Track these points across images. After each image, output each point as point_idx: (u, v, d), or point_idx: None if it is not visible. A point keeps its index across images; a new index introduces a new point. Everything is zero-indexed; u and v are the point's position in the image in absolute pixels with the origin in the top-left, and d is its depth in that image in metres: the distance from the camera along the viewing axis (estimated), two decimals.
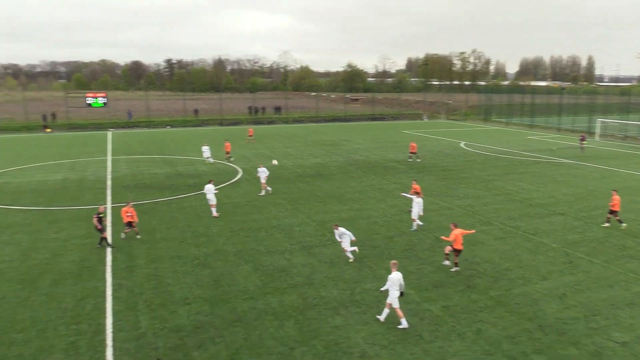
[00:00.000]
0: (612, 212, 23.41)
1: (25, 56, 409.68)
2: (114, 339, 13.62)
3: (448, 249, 18.51)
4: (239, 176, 35.24)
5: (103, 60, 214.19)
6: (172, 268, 18.51)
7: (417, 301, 15.85)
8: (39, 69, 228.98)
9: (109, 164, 40.96)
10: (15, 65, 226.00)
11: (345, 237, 19.09)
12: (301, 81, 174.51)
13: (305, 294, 16.37)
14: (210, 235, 22.33)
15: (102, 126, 72.05)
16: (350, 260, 19.05)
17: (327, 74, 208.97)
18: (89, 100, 71.14)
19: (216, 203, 25.49)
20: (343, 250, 19.40)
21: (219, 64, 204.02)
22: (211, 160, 40.62)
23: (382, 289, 14.87)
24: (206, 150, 40.47)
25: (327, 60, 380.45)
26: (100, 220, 20.77)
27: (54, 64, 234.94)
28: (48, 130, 68.57)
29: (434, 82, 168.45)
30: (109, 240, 21.23)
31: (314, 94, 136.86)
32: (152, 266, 18.72)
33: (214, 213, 25.12)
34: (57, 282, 17.38)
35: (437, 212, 25.92)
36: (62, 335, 13.84)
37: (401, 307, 14.39)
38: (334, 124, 78.65)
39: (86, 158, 43.71)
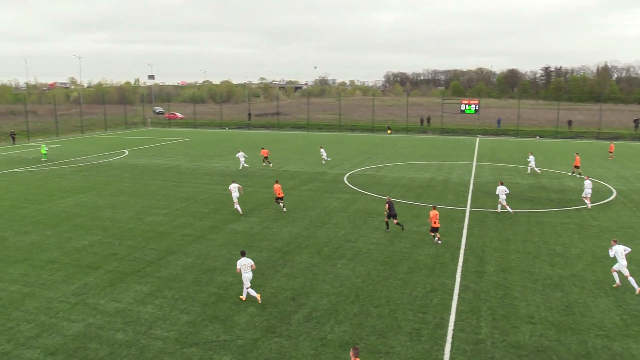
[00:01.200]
0: None
1: (412, 65, 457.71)
2: (454, 337, 14.00)
3: None
4: (612, 197, 31.42)
5: (480, 69, 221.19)
6: (522, 282, 17.85)
7: None
8: (422, 77, 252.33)
9: (474, 168, 42.17)
10: (403, 73, 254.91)
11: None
12: None
13: None
14: (568, 256, 20.61)
15: (471, 132, 74.71)
16: None
17: None
18: (463, 107, 74.57)
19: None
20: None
21: (603, 71, 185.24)
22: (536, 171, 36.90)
23: None
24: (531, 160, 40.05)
25: None
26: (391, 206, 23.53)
27: (435, 72, 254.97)
28: (389, 132, 75.52)
29: None
30: (462, 243, 21.89)
31: None
32: (501, 276, 18.46)
33: None
34: (412, 271, 18.91)
35: None
36: (409, 319, 15.00)
37: None
38: None
39: (453, 161, 46.03)
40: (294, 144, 60.45)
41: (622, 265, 16.84)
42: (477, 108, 73.65)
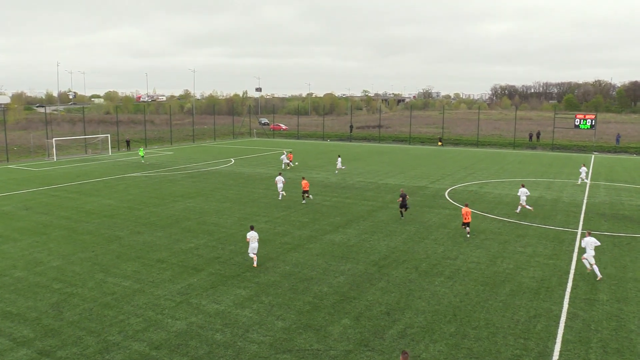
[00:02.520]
0: None
1: (522, 78, 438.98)
2: None
3: None
4: None
5: (597, 81, 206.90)
6: None
7: None
8: (532, 90, 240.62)
9: (587, 188, 39.34)
10: (512, 86, 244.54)
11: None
12: None
13: None
14: None
15: (585, 148, 69.90)
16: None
17: None
18: (577, 122, 69.99)
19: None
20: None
21: None
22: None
23: None
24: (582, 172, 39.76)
25: None
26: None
27: (547, 85, 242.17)
28: (440, 144, 75.14)
29: None
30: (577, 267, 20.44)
31: None
32: (615, 305, 16.97)
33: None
34: (515, 293, 17.92)
35: None
36: (509, 345, 14.20)
37: None
38: None
39: (564, 179, 43.29)
40: (395, 157, 59.99)
41: (589, 255, 19.35)
42: (593, 123, 68.80)
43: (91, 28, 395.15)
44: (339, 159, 47.94)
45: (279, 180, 34.05)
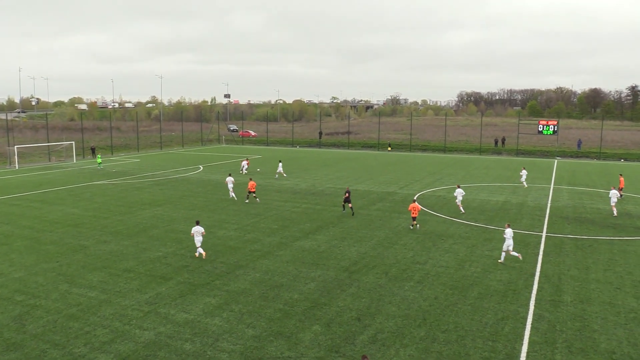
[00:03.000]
0: None
1: (487, 85, 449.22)
2: None
3: None
4: None
5: (559, 88, 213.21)
6: (602, 315, 16.73)
7: None
8: (497, 97, 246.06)
9: (551, 192, 40.34)
10: (477, 93, 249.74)
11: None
12: None
13: None
14: None
15: (549, 154, 71.73)
16: None
17: None
18: (540, 127, 71.78)
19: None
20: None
21: None
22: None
23: None
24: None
25: None
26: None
27: (511, 92, 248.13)
28: (389, 149, 78.85)
29: None
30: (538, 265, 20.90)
31: None
32: (579, 306, 17.40)
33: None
34: (483, 297, 18.20)
35: None
36: (477, 347, 14.40)
37: None
38: None
39: (529, 184, 44.28)
40: (364, 163, 60.39)
41: (509, 244, 21.86)
42: (555, 129, 70.70)
43: (54, 33, 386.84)
44: (280, 164, 48.69)
45: (229, 180, 36.49)
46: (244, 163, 52.08)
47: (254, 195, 35.38)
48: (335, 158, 66.75)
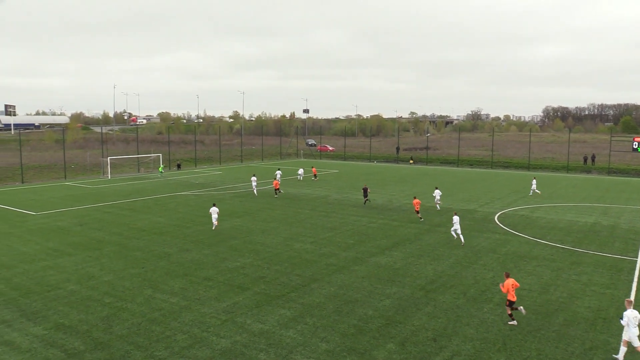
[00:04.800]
0: None
1: (575, 100, 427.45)
2: None
3: None
4: None
5: None
6: None
7: None
8: (586, 112, 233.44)
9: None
10: (565, 108, 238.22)
11: None
12: None
13: None
14: None
15: None
16: None
17: None
18: (635, 145, 67.16)
19: None
20: None
21: None
22: None
23: None
24: None
25: None
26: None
27: (602, 107, 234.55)
28: (411, 162, 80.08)
29: None
30: None
31: None
32: None
33: None
34: (569, 324, 17.15)
35: None
36: None
37: None
38: None
39: (622, 205, 41.50)
40: (441, 180, 59.11)
41: (456, 228, 26.94)
42: None
43: (150, 52, 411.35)
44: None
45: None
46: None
47: (280, 190, 44.82)
48: (413, 174, 65.84)
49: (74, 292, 20.09)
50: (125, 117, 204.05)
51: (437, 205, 38.76)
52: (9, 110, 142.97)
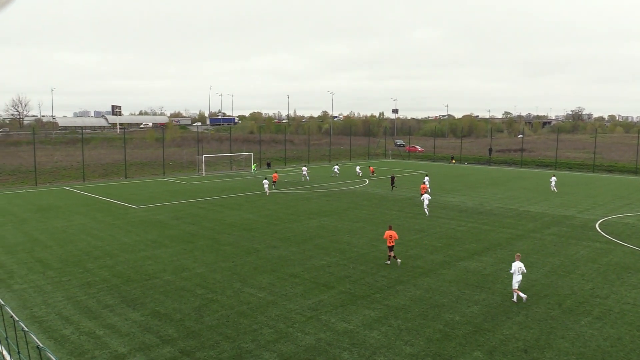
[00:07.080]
0: None
1: None
2: None
3: None
4: None
5: None
6: None
7: None
8: None
9: None
10: None
11: None
12: None
13: None
14: None
15: None
16: None
17: None
18: None
19: None
20: None
21: None
22: None
23: None
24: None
25: None
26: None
27: None
28: (453, 161, 79.62)
29: None
30: None
31: None
32: None
33: None
34: None
35: None
36: None
37: None
38: None
39: None
40: (538, 183, 56.25)
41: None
42: None
43: (247, 54, 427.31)
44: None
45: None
46: (336, 168, 63.05)
47: (273, 186, 47.96)
48: (506, 176, 63.20)
49: (169, 282, 21.21)
50: (220, 117, 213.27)
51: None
52: (116, 110, 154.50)
